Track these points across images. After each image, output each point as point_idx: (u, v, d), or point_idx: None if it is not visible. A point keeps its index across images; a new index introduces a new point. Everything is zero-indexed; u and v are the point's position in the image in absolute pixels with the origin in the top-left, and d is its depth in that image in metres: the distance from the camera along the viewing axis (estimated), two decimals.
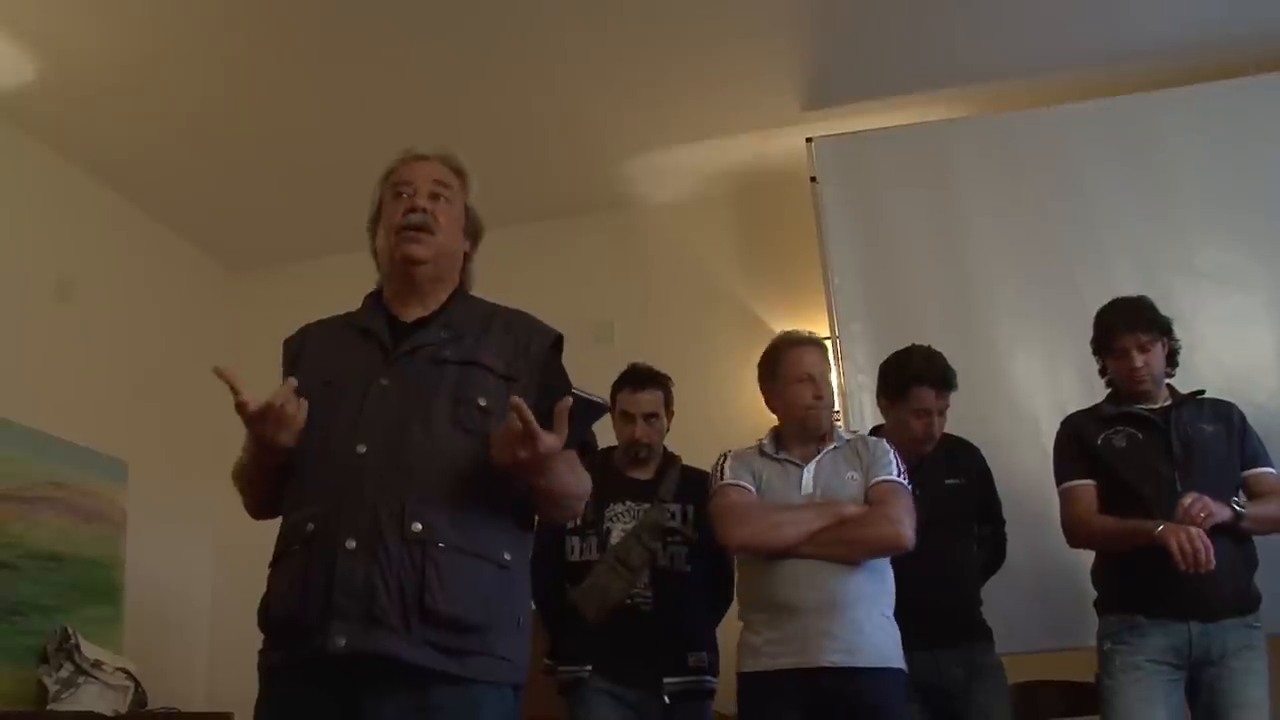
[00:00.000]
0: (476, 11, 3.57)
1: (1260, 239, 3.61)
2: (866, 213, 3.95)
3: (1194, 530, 2.50)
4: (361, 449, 1.71)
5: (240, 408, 1.70)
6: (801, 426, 2.68)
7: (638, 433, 3.09)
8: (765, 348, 2.81)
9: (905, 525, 2.50)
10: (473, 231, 1.99)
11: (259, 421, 1.71)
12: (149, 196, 4.56)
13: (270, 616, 1.73)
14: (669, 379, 3.20)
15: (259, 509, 1.90)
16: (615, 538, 2.94)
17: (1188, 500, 2.57)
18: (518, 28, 3.67)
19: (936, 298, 3.78)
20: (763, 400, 2.80)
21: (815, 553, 2.49)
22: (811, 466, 2.64)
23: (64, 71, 3.73)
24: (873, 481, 2.57)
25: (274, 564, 1.78)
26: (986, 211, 3.84)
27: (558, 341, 1.92)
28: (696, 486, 3.00)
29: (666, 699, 2.83)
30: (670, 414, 3.19)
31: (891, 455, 2.63)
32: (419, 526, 1.66)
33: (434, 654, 1.62)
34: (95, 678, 3.61)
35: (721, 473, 2.66)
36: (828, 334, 3.86)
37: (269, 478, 1.82)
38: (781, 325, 4.44)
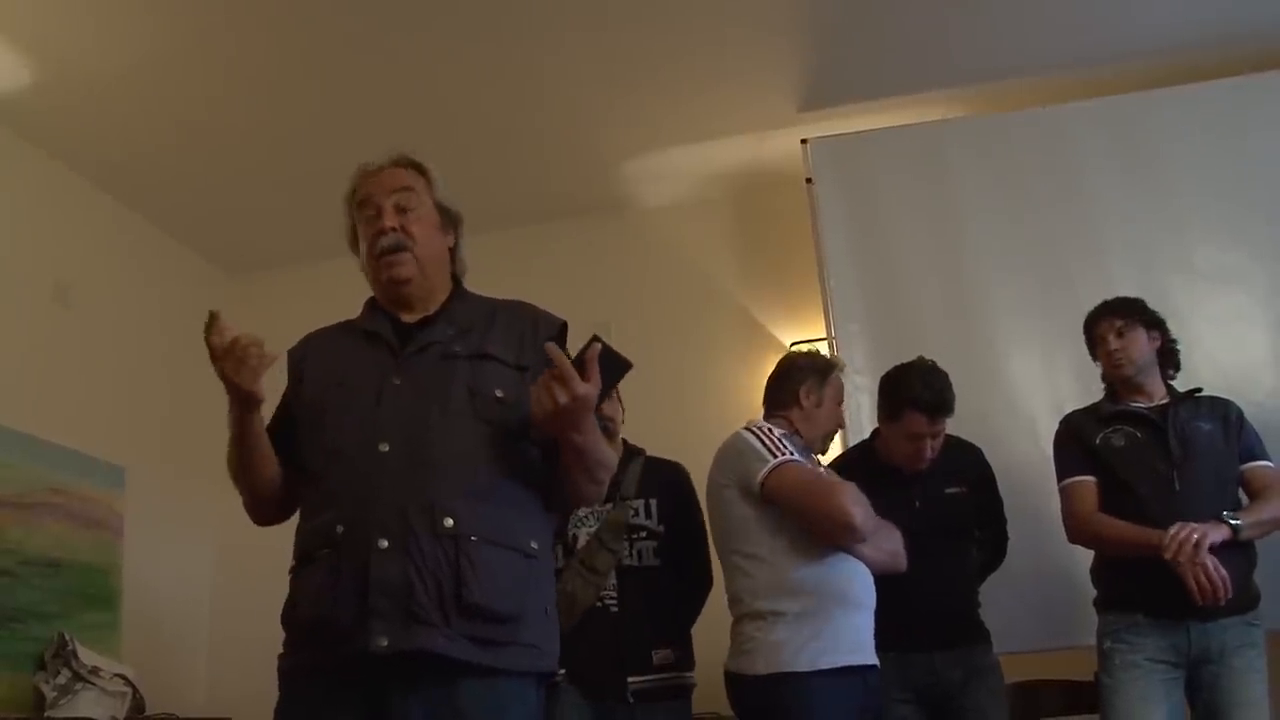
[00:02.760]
0: (474, 14, 3.57)
1: (1258, 238, 3.61)
2: (862, 213, 3.94)
3: (1210, 561, 2.50)
4: (384, 447, 1.71)
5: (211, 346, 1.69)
6: (821, 441, 2.73)
7: (602, 407, 3.07)
8: (815, 353, 2.87)
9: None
10: (451, 223, 1.98)
11: (224, 359, 1.69)
12: (147, 200, 4.56)
13: (301, 619, 1.72)
14: None
15: (257, 504, 1.88)
16: (582, 543, 2.91)
17: (1167, 537, 2.54)
18: (514, 30, 3.66)
19: (933, 298, 3.78)
20: (759, 397, 2.79)
21: (868, 552, 2.49)
22: (820, 470, 2.67)
23: (60, 76, 3.72)
24: None
25: (297, 569, 1.77)
26: (983, 211, 3.84)
27: (563, 329, 1.93)
28: (661, 478, 3.03)
29: (631, 699, 2.80)
30: (622, 405, 3.17)
31: None
32: (450, 522, 1.67)
33: (470, 647, 1.63)
34: (93, 684, 3.60)
35: (781, 446, 2.52)
36: (824, 335, 3.87)
37: (257, 456, 1.80)
38: (778, 327, 4.47)
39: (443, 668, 1.62)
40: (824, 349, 3.77)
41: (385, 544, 1.64)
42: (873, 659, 2.47)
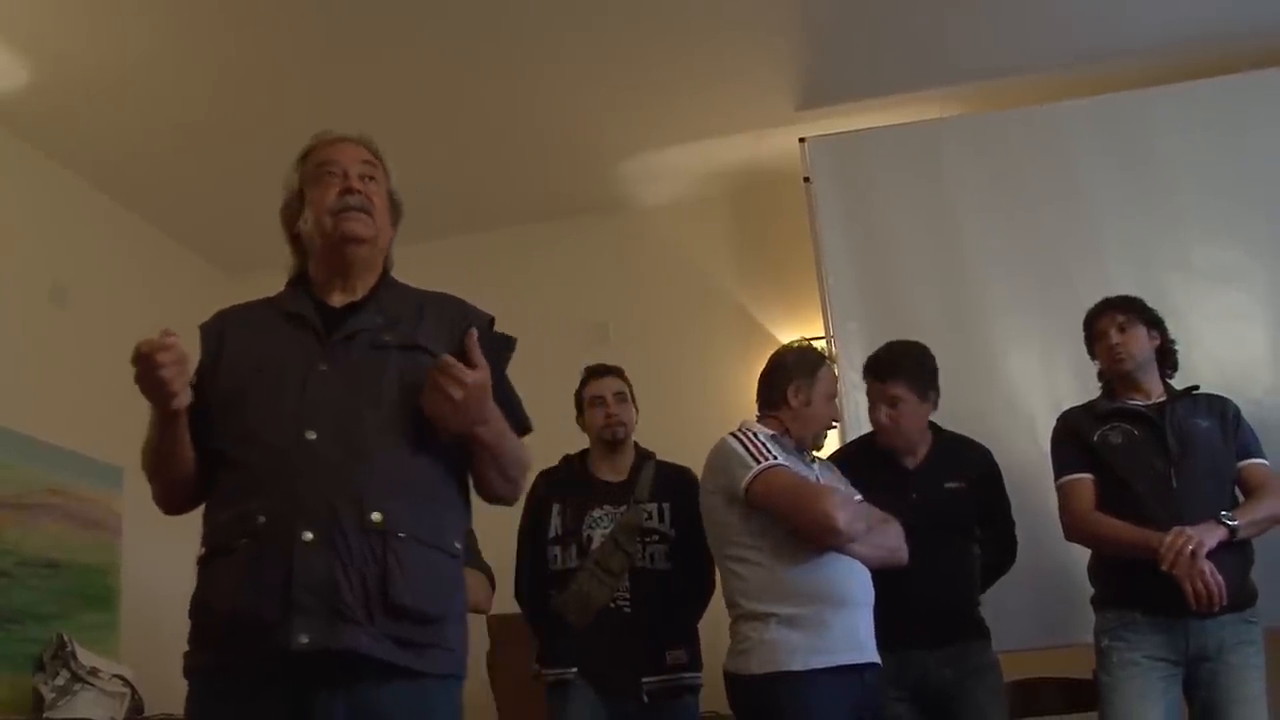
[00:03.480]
0: (471, 14, 3.57)
1: (1256, 235, 3.60)
2: (860, 212, 3.94)
3: (1207, 568, 2.50)
4: (311, 435, 1.64)
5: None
6: (814, 438, 2.70)
7: (612, 409, 3.09)
8: (804, 348, 2.81)
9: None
10: (395, 218, 1.94)
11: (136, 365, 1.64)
12: (145, 200, 4.55)
13: (214, 615, 1.64)
14: (623, 371, 3.21)
15: (169, 494, 1.82)
16: (596, 544, 2.93)
17: (1163, 546, 2.54)
18: (512, 30, 3.66)
19: (932, 296, 3.77)
20: (755, 396, 2.78)
21: (862, 551, 2.49)
22: (815, 467, 2.66)
23: (58, 76, 3.72)
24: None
25: (208, 559, 1.69)
26: (981, 209, 3.84)
27: (491, 323, 1.87)
28: (674, 482, 3.04)
29: (645, 698, 2.83)
30: (635, 407, 3.18)
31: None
32: (378, 516, 1.61)
33: (394, 648, 1.59)
34: (91, 685, 3.60)
35: (765, 451, 2.51)
36: (822, 333, 3.87)
37: (178, 449, 1.73)
38: (777, 325, 4.47)
39: (367, 668, 1.57)
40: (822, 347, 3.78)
41: (310, 536, 1.57)
42: (871, 657, 2.47)
